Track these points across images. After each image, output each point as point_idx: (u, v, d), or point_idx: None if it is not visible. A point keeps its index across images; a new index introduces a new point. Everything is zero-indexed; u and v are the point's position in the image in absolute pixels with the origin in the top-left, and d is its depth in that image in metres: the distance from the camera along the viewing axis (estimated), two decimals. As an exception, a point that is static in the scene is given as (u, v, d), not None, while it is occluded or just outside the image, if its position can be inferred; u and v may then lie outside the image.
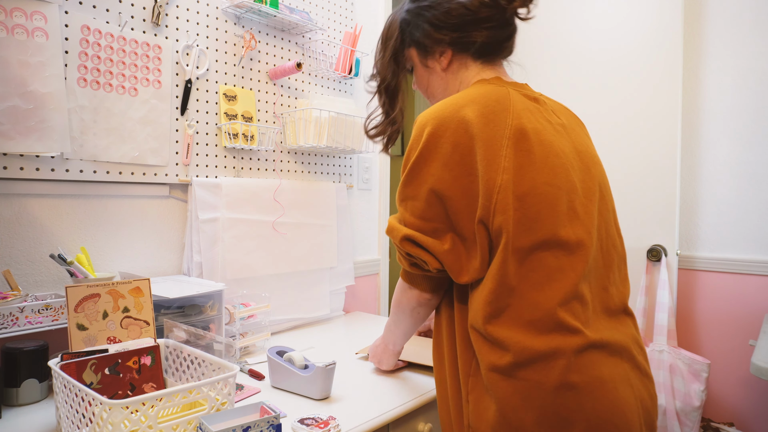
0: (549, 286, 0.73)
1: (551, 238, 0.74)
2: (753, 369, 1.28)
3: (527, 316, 0.73)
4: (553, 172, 0.77)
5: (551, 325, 0.72)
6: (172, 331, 1.05)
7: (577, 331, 0.73)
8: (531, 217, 0.74)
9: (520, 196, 0.74)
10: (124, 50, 1.23)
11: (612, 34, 2.03)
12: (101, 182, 1.22)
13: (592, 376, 0.72)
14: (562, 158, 0.79)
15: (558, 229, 0.75)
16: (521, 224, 0.74)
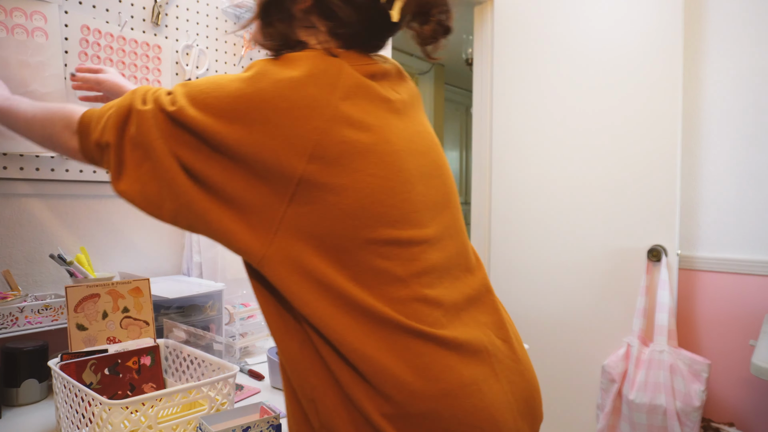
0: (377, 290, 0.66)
1: (376, 237, 0.66)
2: (753, 369, 1.28)
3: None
4: (382, 163, 0.68)
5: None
6: (171, 331, 1.05)
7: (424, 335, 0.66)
8: (349, 215, 0.66)
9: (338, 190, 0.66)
10: (123, 50, 1.23)
11: (612, 33, 2.03)
12: (101, 182, 1.22)
13: (449, 381, 0.64)
14: (396, 144, 0.70)
15: (384, 226, 0.67)
16: (339, 223, 0.66)
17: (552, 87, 2.18)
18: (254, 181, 0.62)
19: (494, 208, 2.40)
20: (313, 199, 0.62)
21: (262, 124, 0.61)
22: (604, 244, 2.04)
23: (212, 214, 0.63)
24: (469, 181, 5.12)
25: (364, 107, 0.67)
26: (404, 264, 0.66)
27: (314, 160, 0.61)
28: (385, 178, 0.65)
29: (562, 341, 2.16)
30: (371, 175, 0.65)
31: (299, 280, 0.62)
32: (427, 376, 0.63)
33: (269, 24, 0.76)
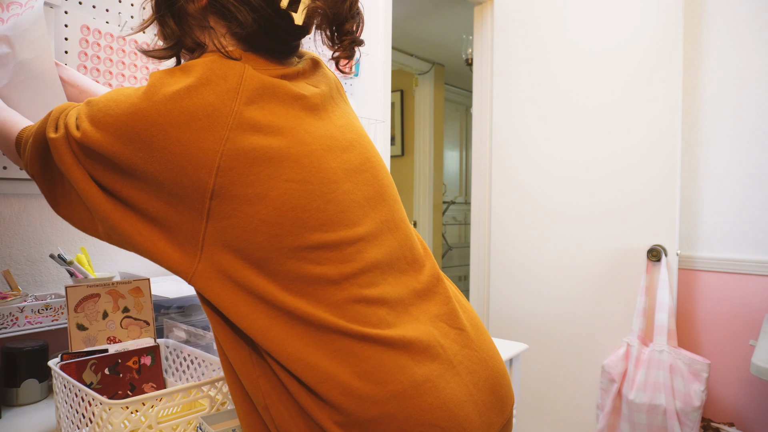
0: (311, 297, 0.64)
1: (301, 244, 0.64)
2: (753, 369, 1.28)
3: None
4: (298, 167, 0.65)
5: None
6: (172, 331, 1.05)
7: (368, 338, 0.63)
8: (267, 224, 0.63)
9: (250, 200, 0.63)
10: (123, 50, 1.23)
11: (612, 33, 2.03)
12: (101, 182, 1.22)
13: (400, 382, 0.61)
14: (312, 145, 0.67)
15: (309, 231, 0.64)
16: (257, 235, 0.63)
17: (552, 87, 2.18)
18: (170, 200, 0.60)
19: (494, 208, 2.40)
20: (229, 213, 0.59)
21: (163, 141, 0.58)
22: (604, 244, 2.04)
23: (137, 236, 0.62)
24: (469, 181, 5.12)
25: (272, 110, 0.64)
26: (338, 266, 0.63)
27: (223, 172, 0.59)
28: (303, 181, 0.62)
29: (562, 341, 2.16)
30: (287, 180, 0.61)
31: (232, 294, 0.60)
32: (375, 380, 0.61)
33: (164, 23, 0.72)
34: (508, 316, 2.34)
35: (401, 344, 0.63)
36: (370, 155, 0.74)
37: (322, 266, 0.62)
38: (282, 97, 0.65)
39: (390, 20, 2.04)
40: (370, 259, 0.66)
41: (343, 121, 0.73)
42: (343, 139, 0.70)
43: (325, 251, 0.63)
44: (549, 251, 2.19)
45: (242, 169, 0.60)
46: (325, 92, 0.73)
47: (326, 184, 0.64)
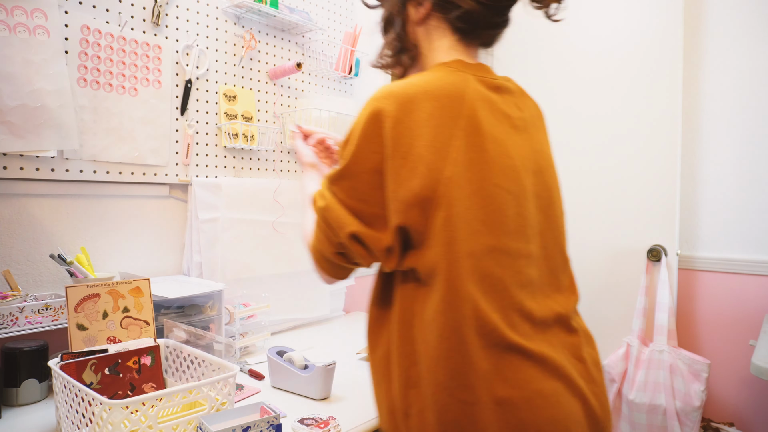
0: (492, 296, 0.69)
1: (496, 244, 0.70)
2: (753, 369, 1.28)
3: (471, 324, 0.68)
4: (504, 174, 0.72)
5: (493, 339, 0.68)
6: (172, 331, 1.05)
7: (515, 346, 0.68)
8: (479, 219, 0.69)
9: (469, 194, 0.69)
10: (124, 50, 1.23)
11: (612, 34, 2.03)
12: (101, 182, 1.22)
13: (532, 390, 0.68)
14: (515, 160, 0.74)
15: (503, 235, 0.70)
16: (470, 226, 0.69)
17: (552, 88, 2.18)
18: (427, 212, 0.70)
19: (494, 208, 2.39)
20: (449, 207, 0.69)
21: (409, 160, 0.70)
22: (604, 244, 2.04)
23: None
24: (469, 181, 5.10)
25: (489, 120, 0.73)
26: (512, 274, 0.70)
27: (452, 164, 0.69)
28: (507, 190, 0.71)
29: (562, 341, 2.16)
30: (496, 185, 0.70)
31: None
32: (512, 383, 0.67)
33: (391, 36, 0.87)
34: (508, 316, 2.34)
35: (537, 358, 0.70)
36: (553, 185, 0.83)
37: (503, 270, 0.70)
38: (495, 110, 0.75)
39: (390, 20, 2.04)
40: (530, 276, 0.73)
41: (538, 147, 0.81)
42: (536, 164, 0.79)
43: (507, 257, 0.70)
44: (549, 251, 2.19)
45: (465, 164, 0.70)
46: (527, 118, 0.82)
47: (520, 198, 0.73)
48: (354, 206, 0.74)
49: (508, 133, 0.75)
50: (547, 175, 0.82)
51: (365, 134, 0.72)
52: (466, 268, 0.68)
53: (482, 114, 0.73)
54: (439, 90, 0.72)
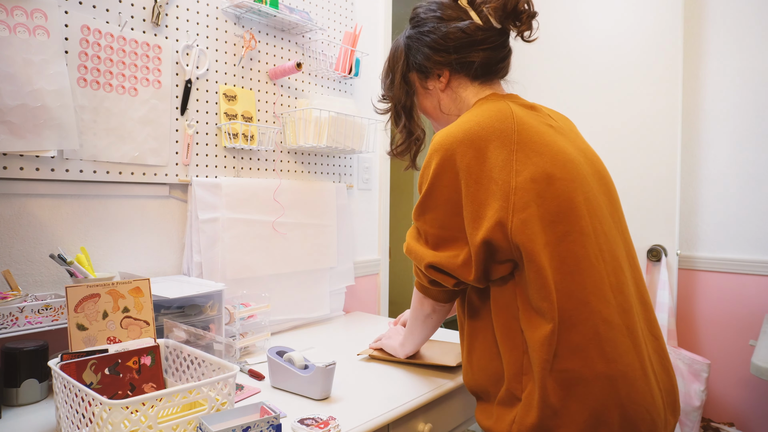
0: (581, 275, 0.77)
1: (574, 229, 0.79)
2: (753, 369, 1.28)
3: (564, 307, 0.77)
4: (564, 167, 0.82)
5: (585, 316, 0.77)
6: (172, 331, 1.05)
7: (609, 321, 0.77)
8: (552, 211, 0.79)
9: (539, 192, 0.79)
10: (124, 50, 1.23)
11: (612, 34, 2.03)
12: (101, 182, 1.22)
13: (625, 363, 0.76)
14: (570, 154, 0.84)
15: (579, 219, 0.80)
16: (544, 219, 0.78)
17: (552, 87, 2.18)
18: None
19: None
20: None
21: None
22: (604, 244, 2.04)
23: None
24: (469, 181, 5.10)
25: (535, 126, 0.85)
26: (597, 252, 0.80)
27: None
28: (568, 179, 0.82)
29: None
30: (558, 179, 0.80)
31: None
32: (610, 356, 0.76)
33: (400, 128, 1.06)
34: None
35: (629, 329, 0.79)
36: (607, 174, 0.95)
37: (585, 249, 0.79)
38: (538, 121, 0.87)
39: (390, 20, 2.04)
40: (613, 253, 0.83)
41: (585, 147, 0.93)
42: (591, 162, 0.91)
43: (585, 237, 0.81)
44: (549, 251, 2.19)
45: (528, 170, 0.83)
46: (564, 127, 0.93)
47: (583, 186, 0.85)
48: (436, 234, 0.87)
49: (554, 135, 0.85)
50: (600, 167, 0.92)
51: (437, 171, 0.85)
52: (546, 256, 0.77)
53: (531, 125, 0.84)
54: (489, 119, 0.84)
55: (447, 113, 1.01)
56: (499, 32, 0.94)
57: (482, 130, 0.83)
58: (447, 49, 0.95)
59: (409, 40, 1.02)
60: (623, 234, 0.90)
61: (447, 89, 0.99)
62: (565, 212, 0.79)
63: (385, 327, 1.63)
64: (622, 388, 0.76)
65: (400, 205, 4.19)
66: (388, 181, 2.07)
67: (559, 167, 0.81)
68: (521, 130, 0.83)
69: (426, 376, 1.16)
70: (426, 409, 1.08)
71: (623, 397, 0.76)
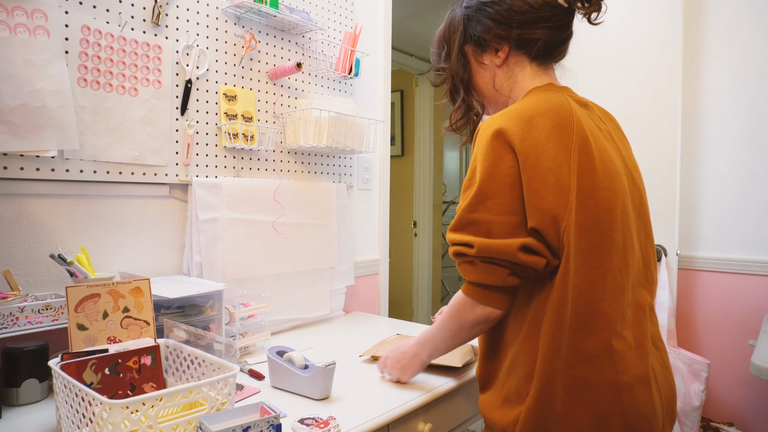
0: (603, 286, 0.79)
1: (607, 241, 0.79)
2: (753, 369, 1.28)
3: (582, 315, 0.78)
4: (610, 178, 0.81)
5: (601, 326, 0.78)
6: (172, 331, 1.05)
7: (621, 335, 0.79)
8: (591, 220, 0.78)
9: (581, 199, 0.78)
10: (124, 50, 1.24)
11: (612, 34, 2.03)
12: (101, 182, 1.22)
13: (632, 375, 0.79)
14: (616, 164, 0.84)
15: (613, 233, 0.80)
16: (581, 227, 0.78)
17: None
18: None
19: (494, 208, 2.39)
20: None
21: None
22: (604, 244, 2.04)
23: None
24: (469, 181, 5.11)
25: (592, 132, 0.84)
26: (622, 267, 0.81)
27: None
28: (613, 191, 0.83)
29: (562, 341, 2.15)
30: (604, 188, 0.81)
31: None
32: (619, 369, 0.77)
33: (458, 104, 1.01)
34: (508, 316, 2.34)
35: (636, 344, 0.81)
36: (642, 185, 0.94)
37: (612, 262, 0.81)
38: (591, 124, 0.86)
39: (390, 20, 2.04)
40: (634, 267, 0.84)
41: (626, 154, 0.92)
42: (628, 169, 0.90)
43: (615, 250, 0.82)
44: (549, 251, 2.19)
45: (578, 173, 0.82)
46: (611, 130, 0.93)
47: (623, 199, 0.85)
48: (505, 221, 0.80)
49: (603, 141, 0.85)
50: (636, 176, 0.91)
51: (495, 154, 0.80)
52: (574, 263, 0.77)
53: (587, 127, 0.83)
54: (551, 110, 0.82)
55: (499, 91, 0.97)
56: (566, 11, 0.90)
57: (543, 119, 0.80)
58: (510, 23, 0.90)
59: (468, 11, 0.96)
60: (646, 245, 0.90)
61: (504, 65, 0.95)
62: (603, 223, 0.79)
63: (385, 327, 1.63)
64: (627, 398, 0.77)
65: (400, 205, 4.19)
66: (388, 181, 2.07)
67: (606, 177, 0.80)
68: (580, 130, 0.81)
69: (426, 376, 1.16)
70: (426, 409, 1.08)
71: (626, 406, 0.77)
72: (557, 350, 0.78)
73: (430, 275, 4.08)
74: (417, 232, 4.06)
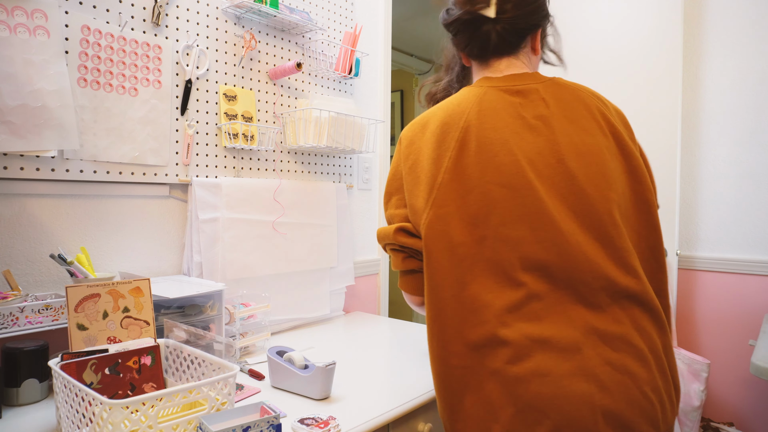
0: (484, 280, 0.77)
1: (493, 234, 0.78)
2: (753, 369, 1.28)
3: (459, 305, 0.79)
4: (499, 171, 0.79)
5: (486, 317, 0.76)
6: (172, 331, 1.05)
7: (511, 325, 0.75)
8: (471, 214, 0.79)
9: (462, 193, 0.80)
10: (124, 50, 1.24)
11: (612, 33, 2.03)
12: (101, 182, 1.22)
13: (527, 368, 0.73)
14: (518, 156, 0.80)
15: (500, 226, 0.78)
16: (460, 222, 0.80)
17: (552, 87, 2.17)
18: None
19: (494, 208, 2.39)
20: None
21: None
22: (604, 244, 2.04)
23: None
24: (469, 181, 5.10)
25: (490, 124, 0.83)
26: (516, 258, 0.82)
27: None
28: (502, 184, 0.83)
29: (562, 341, 2.16)
30: (489, 182, 0.82)
31: None
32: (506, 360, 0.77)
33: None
34: (508, 316, 2.34)
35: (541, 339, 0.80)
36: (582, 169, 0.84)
37: (498, 254, 0.81)
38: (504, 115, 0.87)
39: (390, 20, 2.04)
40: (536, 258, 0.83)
41: (567, 139, 0.84)
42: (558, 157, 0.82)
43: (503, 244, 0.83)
44: (549, 251, 2.19)
45: (455, 168, 0.86)
46: (556, 113, 0.86)
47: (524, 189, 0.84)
48: (400, 213, 0.90)
49: (515, 134, 0.81)
50: (575, 161, 0.80)
51: (395, 158, 0.94)
52: (446, 259, 0.80)
53: (482, 121, 0.83)
54: (445, 110, 0.87)
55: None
56: (466, 19, 0.91)
57: (434, 121, 0.88)
58: (449, 33, 0.98)
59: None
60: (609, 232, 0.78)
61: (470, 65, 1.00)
62: (481, 216, 0.79)
63: (385, 327, 1.63)
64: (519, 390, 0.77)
65: (400, 205, 4.18)
66: (388, 181, 2.07)
67: (492, 170, 0.79)
68: (465, 127, 0.83)
69: (426, 375, 1.16)
70: (426, 409, 1.08)
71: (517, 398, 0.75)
72: (435, 338, 0.81)
73: (430, 275, 4.07)
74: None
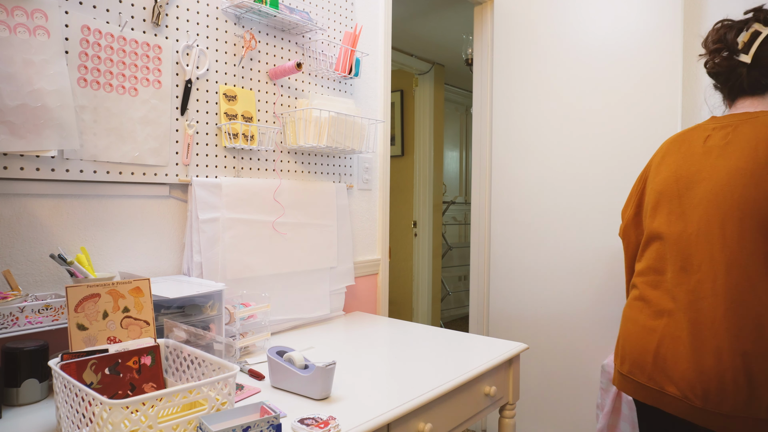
0: (642, 256, 1.23)
1: (647, 227, 1.22)
2: None
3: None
4: (662, 181, 1.19)
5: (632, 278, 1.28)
6: (172, 331, 1.05)
7: (634, 286, 1.22)
8: (648, 204, 1.24)
9: (642, 189, 1.30)
10: (124, 50, 1.24)
11: (612, 33, 2.03)
12: (101, 182, 1.22)
13: (626, 315, 1.21)
14: (678, 172, 1.16)
15: (646, 219, 1.23)
16: (645, 208, 1.26)
17: (552, 87, 2.18)
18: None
19: (494, 208, 2.40)
20: None
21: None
22: (604, 244, 2.04)
23: None
24: (469, 181, 5.12)
25: (673, 149, 1.23)
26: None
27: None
28: (658, 191, 1.24)
29: (562, 341, 2.16)
30: (655, 185, 1.26)
31: None
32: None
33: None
34: (507, 316, 2.34)
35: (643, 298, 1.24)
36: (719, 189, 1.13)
37: (647, 242, 1.24)
38: (691, 142, 1.24)
39: (390, 20, 2.05)
40: (663, 250, 1.21)
41: (725, 163, 1.12)
42: (696, 175, 1.17)
43: (651, 236, 1.25)
44: (549, 251, 2.19)
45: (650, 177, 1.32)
46: (732, 143, 1.12)
47: (661, 195, 1.24)
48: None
49: (686, 157, 1.16)
50: (708, 185, 1.09)
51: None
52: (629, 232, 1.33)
53: (670, 148, 1.22)
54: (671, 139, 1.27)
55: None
56: (723, 73, 1.23)
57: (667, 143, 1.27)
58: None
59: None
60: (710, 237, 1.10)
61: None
62: (645, 212, 1.25)
63: (385, 327, 1.63)
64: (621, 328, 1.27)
65: (400, 205, 4.19)
66: (388, 181, 2.07)
67: (659, 180, 1.20)
68: (660, 150, 1.26)
69: (426, 376, 1.16)
70: (426, 409, 1.08)
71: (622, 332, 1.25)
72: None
73: (430, 275, 4.08)
74: (417, 232, 4.06)
